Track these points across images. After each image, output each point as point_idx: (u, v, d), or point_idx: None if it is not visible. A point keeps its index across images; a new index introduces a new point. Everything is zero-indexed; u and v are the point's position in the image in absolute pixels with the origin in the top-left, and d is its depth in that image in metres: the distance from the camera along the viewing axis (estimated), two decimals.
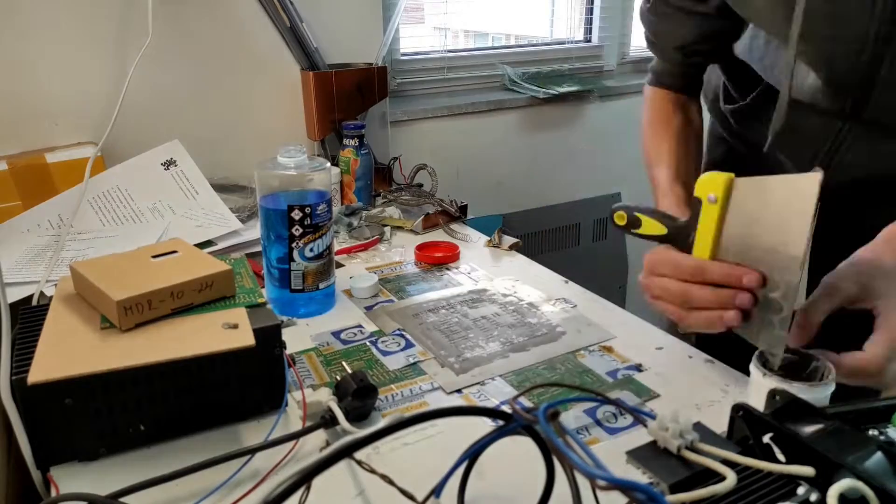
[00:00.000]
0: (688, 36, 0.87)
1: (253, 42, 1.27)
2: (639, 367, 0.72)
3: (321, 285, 0.83)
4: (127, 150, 1.12)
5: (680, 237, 0.65)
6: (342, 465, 0.56)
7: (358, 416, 0.62)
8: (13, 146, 1.11)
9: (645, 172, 0.90)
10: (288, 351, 0.69)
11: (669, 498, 0.38)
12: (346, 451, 0.36)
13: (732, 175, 0.60)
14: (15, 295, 0.81)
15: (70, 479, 0.55)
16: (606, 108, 1.75)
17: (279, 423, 0.61)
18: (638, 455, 0.42)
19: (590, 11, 1.80)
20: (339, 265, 0.98)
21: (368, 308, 0.86)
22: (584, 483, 0.36)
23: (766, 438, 0.43)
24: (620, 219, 0.70)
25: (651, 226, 0.68)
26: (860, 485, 0.37)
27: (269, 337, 0.61)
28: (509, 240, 1.06)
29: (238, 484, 0.54)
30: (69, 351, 0.56)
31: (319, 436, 0.60)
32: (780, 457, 0.42)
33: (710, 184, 0.61)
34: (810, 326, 0.59)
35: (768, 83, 0.79)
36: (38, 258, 0.91)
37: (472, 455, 0.46)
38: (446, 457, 0.47)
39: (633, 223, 0.69)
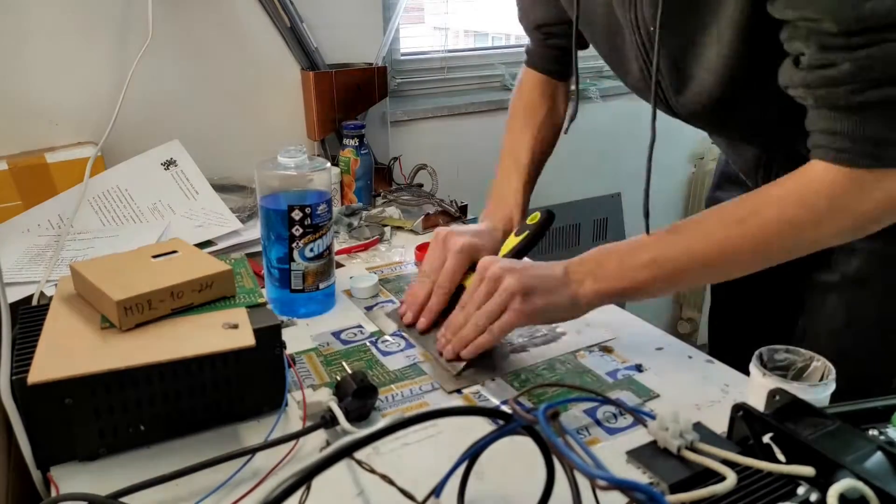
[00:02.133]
0: (545, 16, 0.89)
1: (253, 42, 1.27)
2: (639, 368, 0.72)
3: (321, 285, 0.83)
4: (127, 150, 1.12)
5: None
6: (342, 465, 0.56)
7: (358, 416, 0.62)
8: (13, 146, 1.11)
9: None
10: (288, 351, 0.69)
11: (669, 498, 0.38)
12: (346, 451, 0.36)
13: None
14: (15, 295, 0.81)
15: (70, 479, 0.55)
16: (606, 108, 1.75)
17: (279, 423, 0.61)
18: (638, 455, 0.42)
19: None
20: (339, 265, 0.98)
21: (368, 308, 0.86)
22: (584, 483, 0.36)
23: (766, 438, 0.43)
24: None
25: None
26: (860, 485, 0.37)
27: (269, 337, 0.61)
28: None
29: (238, 484, 0.54)
30: (69, 351, 0.56)
31: (319, 436, 0.60)
32: (780, 457, 0.42)
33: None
34: None
35: None
36: (38, 258, 0.92)
37: (472, 455, 0.46)
38: (446, 457, 0.47)
39: None
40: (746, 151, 0.87)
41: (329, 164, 0.81)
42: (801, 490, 0.38)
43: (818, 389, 0.55)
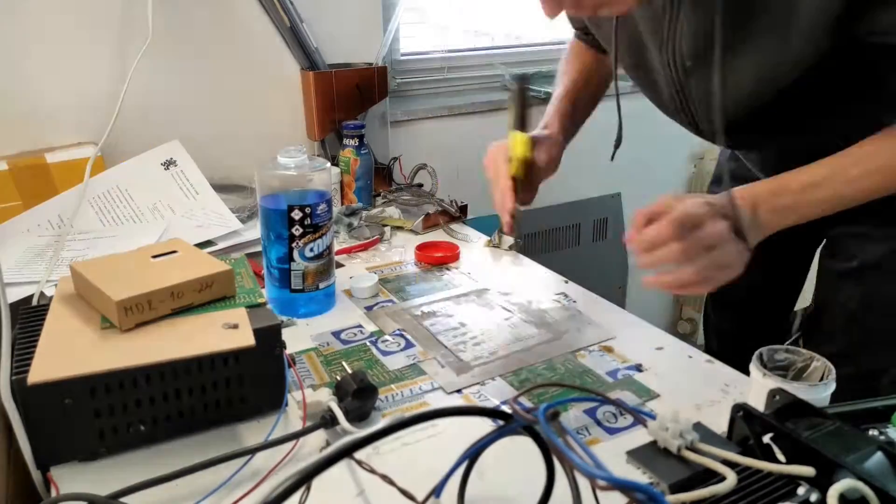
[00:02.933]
0: (575, 24, 1.00)
1: (253, 42, 1.27)
2: (639, 367, 0.72)
3: (321, 285, 0.83)
4: (127, 150, 1.12)
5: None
6: (342, 465, 0.56)
7: (358, 416, 0.62)
8: (13, 146, 1.11)
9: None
10: (288, 351, 0.69)
11: (669, 498, 0.38)
12: (346, 451, 0.36)
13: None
14: (15, 295, 0.81)
15: (70, 479, 0.55)
16: (606, 108, 1.74)
17: (279, 423, 0.61)
18: (638, 455, 0.42)
19: None
20: (339, 265, 0.98)
21: (368, 308, 0.86)
22: (584, 483, 0.36)
23: (766, 438, 0.43)
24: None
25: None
26: (860, 485, 0.37)
27: (269, 337, 0.61)
28: (509, 240, 1.06)
29: (238, 484, 0.54)
30: (69, 351, 0.56)
31: (319, 436, 0.60)
32: (780, 457, 0.42)
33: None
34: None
35: None
36: (38, 258, 0.91)
37: (472, 455, 0.46)
38: (446, 457, 0.47)
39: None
40: (767, 154, 0.90)
41: (329, 164, 0.81)
42: (801, 490, 0.38)
43: (818, 389, 0.55)
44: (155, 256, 0.69)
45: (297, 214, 0.78)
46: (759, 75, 0.70)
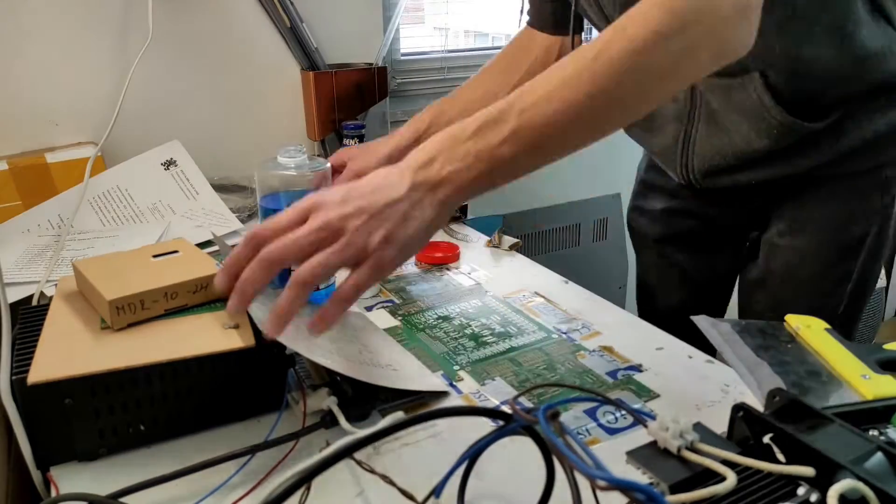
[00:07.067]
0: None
1: (253, 42, 1.27)
2: (639, 367, 0.72)
3: (321, 286, 0.83)
4: (127, 150, 1.13)
5: None
6: (342, 465, 0.56)
7: (358, 416, 0.62)
8: (13, 146, 1.11)
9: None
10: (288, 351, 0.69)
11: (669, 498, 0.38)
12: (346, 451, 0.36)
13: None
14: (15, 295, 0.81)
15: (70, 479, 0.55)
16: None
17: (279, 423, 0.61)
18: (638, 455, 0.42)
19: None
20: None
21: (368, 308, 0.86)
22: (584, 483, 0.36)
23: (766, 438, 0.43)
24: None
25: None
26: (860, 485, 0.37)
27: None
28: (509, 240, 1.06)
29: (238, 484, 0.54)
30: (69, 351, 0.56)
31: (319, 436, 0.60)
32: (780, 457, 0.42)
33: None
34: None
35: None
36: (38, 258, 0.92)
37: (472, 455, 0.46)
38: (446, 457, 0.47)
39: None
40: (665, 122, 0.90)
41: (329, 164, 0.81)
42: (801, 490, 0.38)
43: None
44: (156, 256, 0.69)
45: None
46: None
